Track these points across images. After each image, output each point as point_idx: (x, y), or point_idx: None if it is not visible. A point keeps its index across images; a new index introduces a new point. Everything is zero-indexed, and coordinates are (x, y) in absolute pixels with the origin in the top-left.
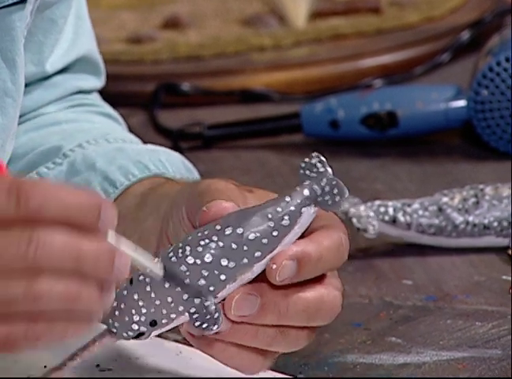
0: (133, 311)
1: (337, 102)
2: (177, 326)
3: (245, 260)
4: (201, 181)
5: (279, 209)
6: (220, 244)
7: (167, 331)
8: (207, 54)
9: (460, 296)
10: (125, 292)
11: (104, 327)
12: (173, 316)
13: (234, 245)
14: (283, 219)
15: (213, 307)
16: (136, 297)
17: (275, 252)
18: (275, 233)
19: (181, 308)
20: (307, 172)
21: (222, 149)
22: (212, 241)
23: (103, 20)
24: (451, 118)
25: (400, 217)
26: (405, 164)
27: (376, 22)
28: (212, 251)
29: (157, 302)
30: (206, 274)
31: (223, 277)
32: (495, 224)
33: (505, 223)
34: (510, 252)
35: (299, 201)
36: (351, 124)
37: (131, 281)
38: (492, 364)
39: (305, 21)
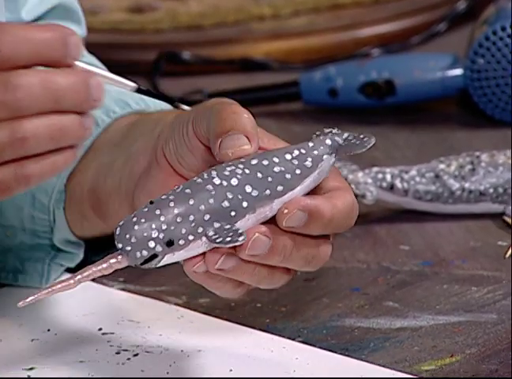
0: (153, 225)
1: (336, 70)
2: (186, 259)
3: (267, 192)
4: (206, 102)
5: (303, 151)
6: (247, 171)
7: (174, 263)
8: (207, 23)
9: (456, 261)
10: (145, 209)
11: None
12: (191, 237)
13: (259, 174)
14: (306, 160)
15: (234, 228)
16: (158, 212)
17: (296, 191)
18: (298, 171)
19: (200, 229)
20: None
21: None
22: (239, 168)
23: None
24: (448, 87)
25: (398, 184)
26: (403, 132)
27: None
28: (239, 176)
29: (179, 219)
30: (231, 197)
31: (245, 204)
32: (491, 191)
33: (500, 190)
34: (509, 220)
35: (321, 148)
36: (349, 92)
37: (151, 201)
38: (487, 328)
39: None
